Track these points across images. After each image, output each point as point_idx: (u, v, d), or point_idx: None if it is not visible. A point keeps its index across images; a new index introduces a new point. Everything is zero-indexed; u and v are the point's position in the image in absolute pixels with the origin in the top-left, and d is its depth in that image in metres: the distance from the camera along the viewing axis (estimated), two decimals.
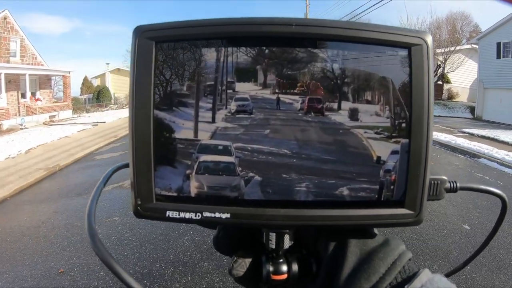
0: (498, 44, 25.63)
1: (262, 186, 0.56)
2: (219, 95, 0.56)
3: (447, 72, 34.23)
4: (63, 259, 5.35)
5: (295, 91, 0.56)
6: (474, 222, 6.27)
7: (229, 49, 0.54)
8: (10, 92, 22.04)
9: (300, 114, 0.57)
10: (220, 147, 0.56)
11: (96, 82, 51.52)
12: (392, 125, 0.56)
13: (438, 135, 16.05)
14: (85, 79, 50.49)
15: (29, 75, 23.02)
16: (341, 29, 0.53)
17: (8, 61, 22.11)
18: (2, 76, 20.16)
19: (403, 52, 0.54)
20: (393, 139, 0.56)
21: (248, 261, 0.64)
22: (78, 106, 34.57)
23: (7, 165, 11.19)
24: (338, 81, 0.56)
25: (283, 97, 0.57)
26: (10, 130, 18.88)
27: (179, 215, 0.55)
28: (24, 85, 23.06)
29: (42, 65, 26.07)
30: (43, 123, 22.38)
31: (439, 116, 28.83)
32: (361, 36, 0.53)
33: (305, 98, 0.56)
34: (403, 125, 0.55)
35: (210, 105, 0.56)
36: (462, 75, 34.71)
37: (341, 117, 0.56)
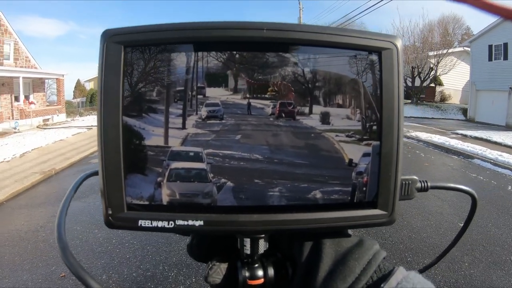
0: (490, 47, 25.81)
1: (234, 192, 0.55)
2: (189, 100, 0.55)
3: (440, 75, 34.41)
4: (64, 263, 5.04)
5: (266, 95, 0.56)
6: None
7: (200, 53, 0.54)
8: (3, 95, 21.87)
9: (271, 119, 0.56)
10: (191, 154, 0.55)
11: (89, 86, 51.30)
12: (363, 128, 0.56)
13: (432, 137, 16.22)
14: (78, 82, 50.29)
15: (23, 78, 22.80)
16: (312, 34, 0.53)
17: (1, 64, 21.89)
18: None
19: (374, 56, 0.55)
20: (365, 142, 0.56)
21: (223, 267, 0.64)
22: (71, 109, 34.34)
23: (2, 169, 11.00)
24: (310, 85, 0.56)
25: (254, 102, 0.56)
26: (3, 134, 18.65)
27: (151, 224, 0.54)
28: (18, 88, 22.84)
29: (35, 68, 25.85)
30: (37, 127, 22.17)
31: (432, 118, 29.02)
32: (332, 41, 0.53)
33: (277, 103, 0.56)
34: (374, 127, 0.55)
35: (180, 111, 0.55)
36: (455, 78, 34.91)
37: (312, 121, 0.56)
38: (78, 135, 18.34)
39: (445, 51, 32.64)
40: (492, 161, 11.71)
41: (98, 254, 5.39)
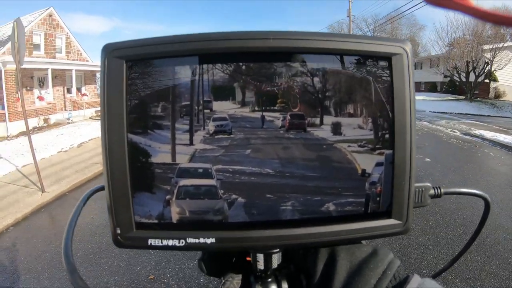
0: None
1: (246, 207, 0.54)
2: (196, 115, 0.54)
3: (495, 70, 32.51)
4: (150, 263, 4.58)
5: (275, 107, 0.54)
6: None
7: (205, 66, 0.52)
8: (56, 87, 22.83)
9: (281, 132, 0.55)
10: (200, 170, 0.54)
11: None
12: (376, 137, 0.54)
13: (496, 136, 15.38)
14: None
15: (76, 70, 23.78)
16: (320, 41, 0.51)
17: (54, 57, 22.86)
18: (49, 72, 20.91)
19: (383, 62, 0.53)
20: (377, 151, 0.54)
21: (237, 282, 0.63)
22: None
23: (61, 159, 11.16)
24: (319, 95, 0.54)
25: (264, 115, 0.55)
26: (57, 124, 19.45)
27: (161, 242, 0.53)
28: (70, 80, 23.75)
29: (87, 61, 26.86)
30: (90, 118, 22.88)
31: (488, 116, 27.31)
32: (340, 48, 0.51)
33: (286, 115, 0.54)
34: (386, 136, 0.54)
35: (187, 127, 0.54)
36: (509, 73, 32.88)
37: (323, 132, 0.54)
38: None
39: (500, 45, 30.81)
40: None
41: (188, 253, 4.63)
